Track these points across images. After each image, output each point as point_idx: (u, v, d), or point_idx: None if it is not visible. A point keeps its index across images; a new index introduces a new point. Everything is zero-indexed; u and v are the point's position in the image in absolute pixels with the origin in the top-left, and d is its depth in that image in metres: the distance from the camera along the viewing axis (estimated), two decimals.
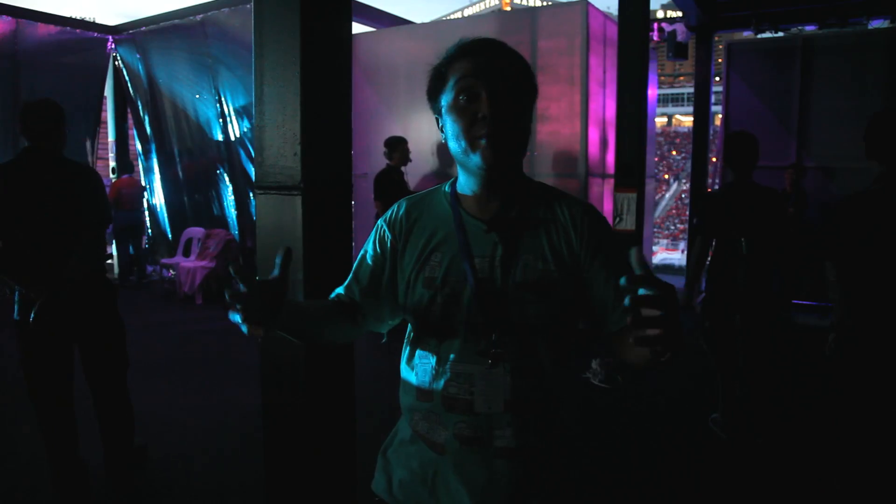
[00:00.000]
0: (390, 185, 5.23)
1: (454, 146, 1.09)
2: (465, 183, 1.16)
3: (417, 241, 1.15)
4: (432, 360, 1.12)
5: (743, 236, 3.21)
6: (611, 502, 2.77)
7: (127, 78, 8.53)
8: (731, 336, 3.38)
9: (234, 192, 7.61)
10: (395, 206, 1.21)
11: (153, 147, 8.54)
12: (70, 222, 2.60)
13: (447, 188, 1.19)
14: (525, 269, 1.09)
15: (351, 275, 1.22)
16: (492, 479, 1.08)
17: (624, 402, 4.06)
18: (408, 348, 1.19)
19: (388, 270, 1.18)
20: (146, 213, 8.74)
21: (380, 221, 1.22)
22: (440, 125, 1.14)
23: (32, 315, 2.49)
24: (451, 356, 1.10)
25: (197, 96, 7.73)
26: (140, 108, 8.53)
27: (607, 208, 6.20)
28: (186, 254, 7.54)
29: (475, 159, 1.06)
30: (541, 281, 1.09)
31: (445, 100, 1.10)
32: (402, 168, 5.48)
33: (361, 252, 1.22)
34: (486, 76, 1.05)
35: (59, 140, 2.67)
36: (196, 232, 7.60)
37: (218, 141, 7.59)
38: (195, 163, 8.09)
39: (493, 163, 1.06)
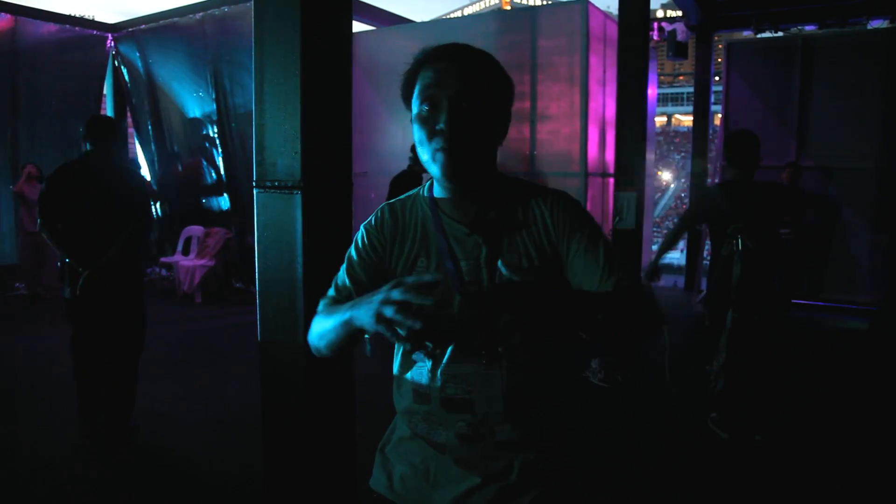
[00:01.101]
0: (409, 186, 5.22)
1: (420, 154, 1.10)
2: (439, 187, 1.16)
3: (403, 247, 1.15)
4: (428, 363, 1.12)
5: (742, 234, 3.19)
6: (610, 499, 2.77)
7: (126, 76, 8.52)
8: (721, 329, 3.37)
9: (233, 189, 7.60)
10: (377, 212, 1.21)
11: (152, 145, 8.53)
12: (117, 213, 3.24)
13: (425, 192, 1.19)
14: (509, 268, 1.09)
15: (343, 276, 1.19)
16: (493, 470, 1.10)
17: (623, 400, 4.06)
18: (400, 354, 1.18)
19: (376, 271, 1.16)
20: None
21: (362, 227, 1.21)
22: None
23: (80, 284, 3.13)
24: (446, 358, 1.10)
25: (196, 94, 7.72)
26: (139, 106, 8.52)
27: (607, 208, 6.20)
28: (186, 252, 7.53)
29: (435, 170, 1.08)
30: (525, 278, 1.09)
31: (413, 107, 1.10)
32: (424, 174, 5.47)
33: (347, 257, 1.21)
34: (446, 84, 1.04)
35: (113, 147, 3.32)
36: (195, 230, 7.59)
37: (217, 139, 7.59)
38: (194, 161, 8.08)
39: (452, 174, 1.06)
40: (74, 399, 3.39)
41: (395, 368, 1.19)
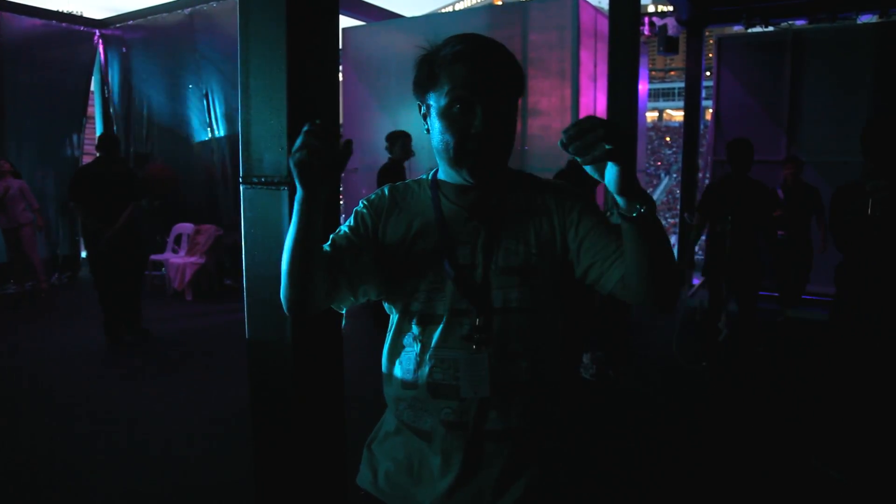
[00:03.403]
0: (394, 178, 5.21)
1: (441, 151, 1.10)
2: (447, 176, 1.16)
3: (399, 229, 1.14)
4: (416, 347, 1.12)
5: (731, 215, 4.07)
6: (598, 492, 2.78)
7: (114, 72, 8.43)
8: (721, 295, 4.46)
9: (222, 186, 7.55)
10: (378, 191, 1.20)
11: (143, 142, 8.44)
12: (121, 196, 4.96)
13: (429, 177, 1.19)
14: (507, 254, 1.09)
15: (328, 240, 1.15)
16: (479, 461, 1.10)
17: (615, 395, 4.06)
18: (390, 340, 1.18)
19: (364, 246, 1.13)
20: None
21: (361, 204, 1.19)
22: (422, 112, 1.13)
23: (103, 240, 4.87)
24: (435, 343, 1.10)
25: (185, 90, 7.66)
26: (126, 103, 8.42)
27: (599, 202, 6.21)
28: (176, 249, 7.48)
29: (463, 173, 1.09)
30: (523, 266, 1.09)
31: (436, 102, 1.08)
32: (405, 163, 5.44)
33: (339, 228, 1.19)
34: (482, 90, 1.04)
35: (118, 154, 5.22)
36: (185, 227, 7.54)
37: (205, 135, 7.53)
38: (183, 158, 8.01)
39: (481, 179, 1.09)
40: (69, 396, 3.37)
41: (385, 356, 1.19)
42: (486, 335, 1.08)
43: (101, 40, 8.39)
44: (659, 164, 39.73)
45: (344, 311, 1.20)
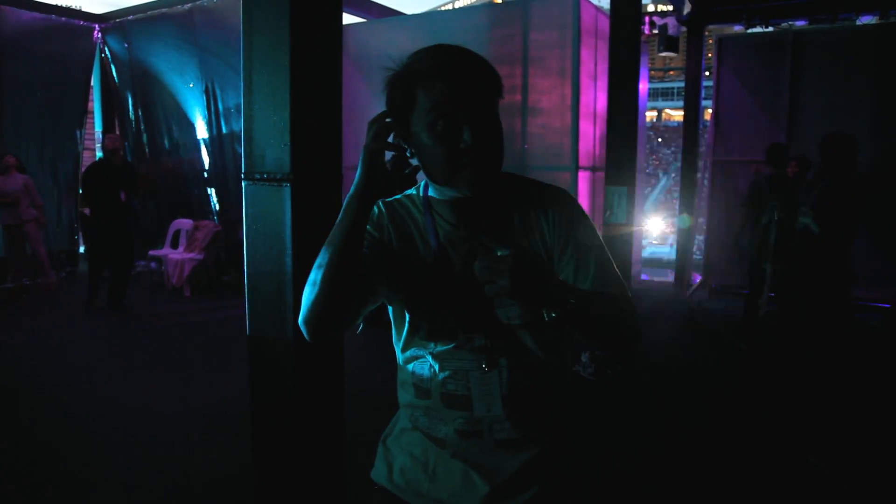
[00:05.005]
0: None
1: (432, 169, 1.07)
2: (438, 193, 1.14)
3: (399, 247, 1.14)
4: (428, 358, 1.13)
5: (777, 209, 4.62)
6: (606, 493, 2.78)
7: (113, 68, 8.41)
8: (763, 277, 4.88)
9: (223, 183, 7.54)
10: (374, 209, 1.17)
11: (143, 138, 8.43)
12: (123, 189, 5.89)
13: (420, 194, 1.17)
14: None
15: None
16: (493, 467, 1.11)
17: (614, 394, 4.07)
18: (401, 347, 1.18)
19: (381, 255, 1.14)
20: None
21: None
22: (402, 135, 1.09)
23: (98, 228, 6.05)
24: (447, 356, 1.11)
25: (185, 86, 7.64)
26: (126, 98, 8.41)
27: (598, 202, 6.21)
28: (174, 245, 7.47)
29: (460, 188, 1.06)
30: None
31: (418, 122, 1.04)
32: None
33: None
34: (465, 102, 1.02)
35: (120, 152, 6.13)
36: (184, 224, 7.53)
37: (206, 131, 7.51)
38: (183, 154, 8.00)
39: (478, 191, 1.06)
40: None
41: (398, 364, 1.20)
42: (495, 353, 1.09)
43: (101, 35, 8.36)
44: (657, 163, 39.74)
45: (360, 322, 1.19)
